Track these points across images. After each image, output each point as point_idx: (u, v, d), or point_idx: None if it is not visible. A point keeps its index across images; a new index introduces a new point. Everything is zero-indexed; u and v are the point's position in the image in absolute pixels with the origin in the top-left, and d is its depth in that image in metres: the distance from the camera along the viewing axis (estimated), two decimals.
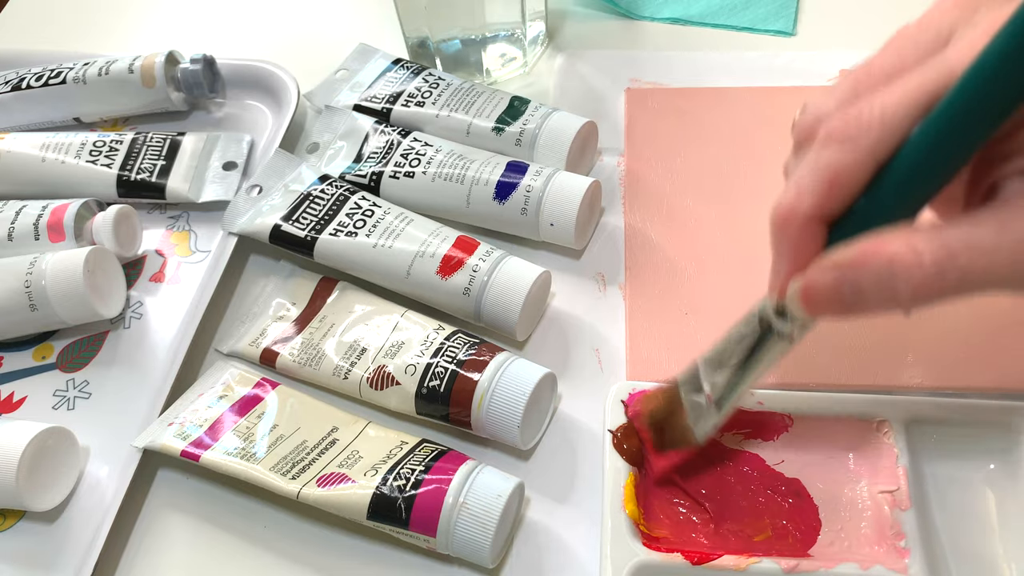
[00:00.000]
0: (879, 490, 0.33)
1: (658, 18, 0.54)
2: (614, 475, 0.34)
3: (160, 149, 0.48)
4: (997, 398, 0.35)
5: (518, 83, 0.52)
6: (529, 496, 0.36)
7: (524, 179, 0.42)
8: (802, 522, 0.33)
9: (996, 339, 0.38)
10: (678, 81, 0.50)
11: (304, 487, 0.34)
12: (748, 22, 0.53)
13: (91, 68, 0.50)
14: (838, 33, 0.52)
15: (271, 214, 0.43)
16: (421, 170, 0.44)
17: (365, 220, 0.42)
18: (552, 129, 0.44)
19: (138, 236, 0.46)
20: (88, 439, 0.39)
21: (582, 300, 0.42)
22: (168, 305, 0.44)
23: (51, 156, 0.47)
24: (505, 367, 0.36)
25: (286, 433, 0.37)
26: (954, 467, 0.35)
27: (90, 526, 0.36)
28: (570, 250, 0.43)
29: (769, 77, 0.50)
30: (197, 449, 0.36)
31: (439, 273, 0.39)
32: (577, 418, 0.38)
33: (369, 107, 0.48)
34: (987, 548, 0.33)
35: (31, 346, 0.43)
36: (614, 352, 0.40)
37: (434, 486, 0.33)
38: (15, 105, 0.51)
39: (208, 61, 0.51)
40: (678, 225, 0.44)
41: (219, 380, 0.39)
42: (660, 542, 0.33)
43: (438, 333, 0.38)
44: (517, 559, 0.35)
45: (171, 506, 0.38)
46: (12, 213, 0.44)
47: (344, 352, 0.39)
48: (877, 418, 0.35)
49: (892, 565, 0.31)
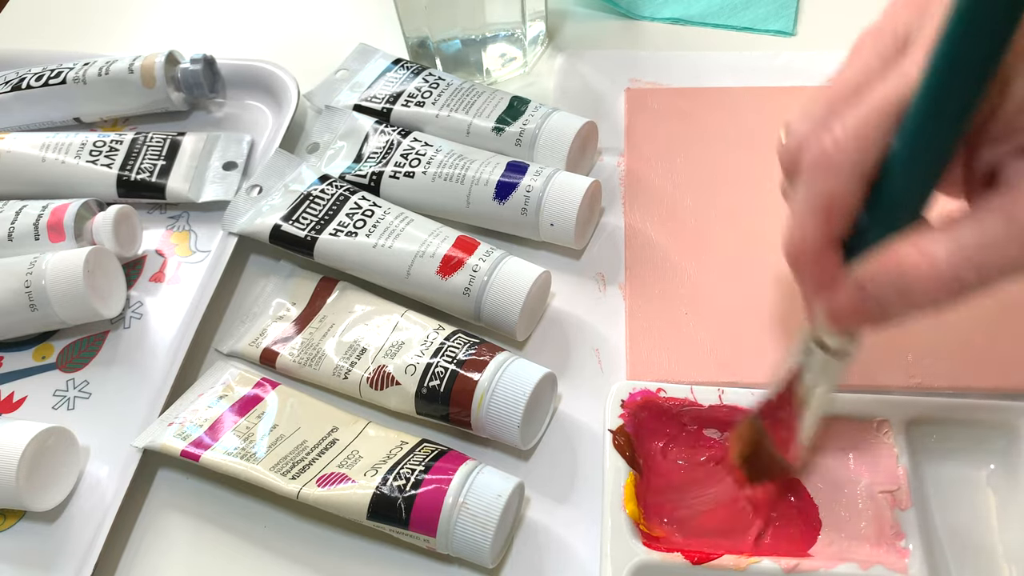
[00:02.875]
0: (879, 490, 0.33)
1: (658, 18, 0.54)
2: (614, 475, 0.34)
3: (160, 149, 0.48)
4: (997, 398, 0.35)
5: (518, 83, 0.52)
6: (529, 496, 0.36)
7: (524, 179, 0.42)
8: (802, 522, 0.33)
9: (996, 339, 0.38)
10: (678, 81, 0.50)
11: (304, 487, 0.34)
12: (748, 22, 0.53)
13: (91, 68, 0.50)
14: (838, 33, 0.51)
15: (271, 214, 0.43)
16: (421, 170, 0.44)
17: (365, 220, 0.42)
18: (552, 129, 0.44)
19: (138, 236, 0.46)
20: (88, 439, 0.39)
21: (582, 300, 0.42)
22: (168, 305, 0.44)
23: (51, 156, 0.47)
24: (505, 367, 0.36)
25: (286, 433, 0.37)
26: (954, 467, 0.35)
27: (90, 526, 0.36)
28: (570, 250, 0.43)
29: (769, 77, 0.50)
30: (197, 449, 0.36)
31: (439, 273, 0.39)
32: (577, 418, 0.38)
33: (369, 107, 0.48)
34: (987, 548, 0.33)
35: (31, 346, 0.43)
36: (614, 352, 0.40)
37: (434, 486, 0.33)
38: (15, 105, 0.51)
39: (208, 61, 0.51)
40: (678, 225, 0.44)
41: (219, 380, 0.40)
42: (660, 542, 0.33)
43: (438, 333, 0.38)
44: (517, 559, 0.35)
45: (171, 506, 0.38)
46: (12, 213, 0.44)
47: (344, 352, 0.39)
48: (877, 418, 0.35)
49: (892, 565, 0.31)
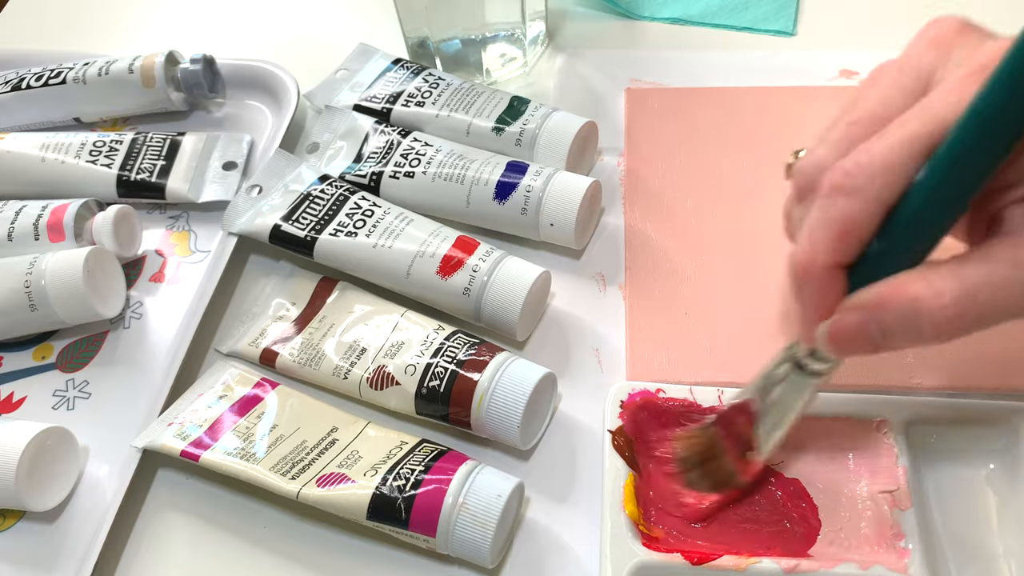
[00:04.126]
0: (879, 490, 0.33)
1: (658, 18, 0.54)
2: (614, 475, 0.34)
3: (160, 149, 0.48)
4: (997, 398, 0.35)
5: (518, 83, 0.52)
6: (529, 496, 0.36)
7: (524, 179, 0.42)
8: (802, 522, 0.33)
9: (996, 339, 0.37)
10: (678, 81, 0.50)
11: (304, 487, 0.34)
12: (748, 22, 0.53)
13: (91, 68, 0.50)
14: (838, 33, 0.52)
15: (271, 214, 0.43)
16: (421, 170, 0.44)
17: (365, 220, 0.42)
18: (552, 129, 0.44)
19: (138, 236, 0.46)
20: (88, 439, 0.39)
21: (582, 300, 0.42)
22: (168, 305, 0.44)
23: (51, 156, 0.47)
24: (505, 367, 0.36)
25: (286, 433, 0.37)
26: (954, 467, 0.35)
27: (90, 526, 0.36)
28: (570, 250, 0.43)
29: (769, 77, 0.50)
30: (197, 449, 0.36)
31: (439, 273, 0.39)
32: (577, 418, 0.38)
33: (369, 107, 0.48)
34: (987, 548, 0.33)
35: (31, 346, 0.43)
36: (614, 352, 0.40)
37: (434, 486, 0.33)
38: (15, 105, 0.51)
39: (208, 61, 0.51)
40: (678, 225, 0.44)
41: (219, 380, 0.39)
42: (660, 542, 0.33)
43: (438, 333, 0.38)
44: (517, 559, 0.35)
45: (171, 506, 0.38)
46: (12, 213, 0.44)
47: (344, 352, 0.39)
48: (877, 418, 0.35)
49: (892, 565, 0.31)
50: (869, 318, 0.26)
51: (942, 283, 0.25)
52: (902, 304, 0.25)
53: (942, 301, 0.25)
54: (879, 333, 0.26)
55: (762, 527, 0.33)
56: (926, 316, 0.25)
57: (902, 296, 0.25)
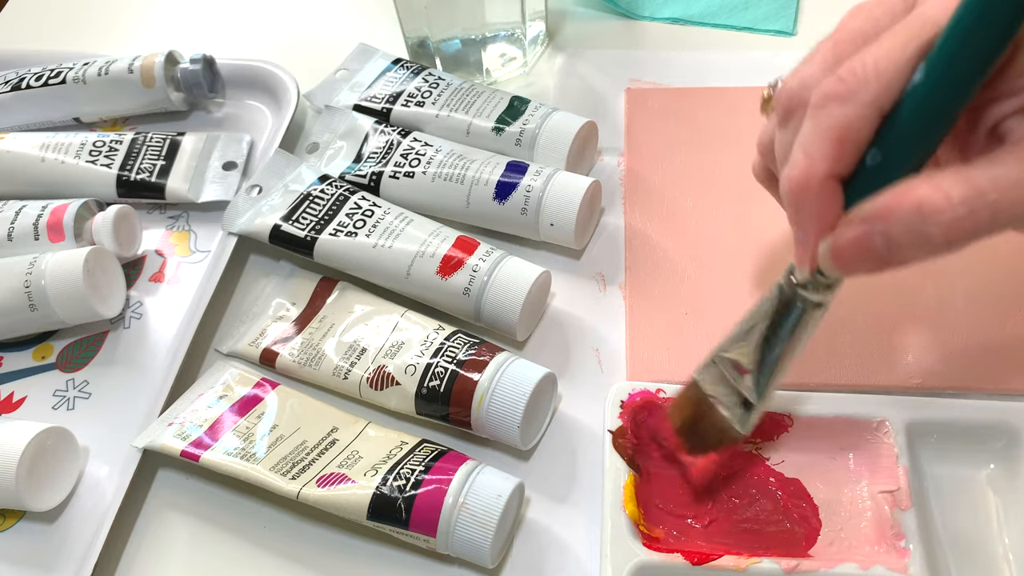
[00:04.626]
0: (879, 490, 0.33)
1: (658, 18, 0.54)
2: (614, 475, 0.34)
3: (160, 149, 0.48)
4: (997, 398, 0.35)
5: (518, 83, 0.52)
6: (529, 496, 0.36)
7: (524, 179, 0.42)
8: (802, 522, 0.33)
9: (996, 339, 0.38)
10: (678, 81, 0.50)
11: (304, 487, 0.34)
12: (748, 22, 0.53)
13: (91, 68, 0.50)
14: None
15: (271, 214, 0.43)
16: (421, 170, 0.44)
17: (365, 220, 0.42)
18: (552, 129, 0.44)
19: (138, 236, 0.46)
20: (88, 439, 0.39)
21: (582, 300, 0.42)
22: (168, 305, 0.44)
23: (51, 156, 0.47)
24: (505, 367, 0.36)
25: (286, 433, 0.37)
26: (954, 467, 0.35)
27: (90, 526, 0.36)
28: (570, 250, 0.43)
29: (769, 77, 0.49)
30: (197, 449, 0.36)
31: (439, 273, 0.39)
32: (577, 418, 0.38)
33: (369, 107, 0.48)
34: (987, 548, 0.33)
35: (31, 346, 0.43)
36: (614, 352, 0.40)
37: (434, 486, 0.33)
38: (15, 105, 0.51)
39: (208, 61, 0.51)
40: (678, 225, 0.44)
41: (219, 380, 0.39)
42: (660, 542, 0.33)
43: (438, 333, 0.38)
44: (517, 559, 0.35)
45: (171, 506, 0.38)
46: (12, 213, 0.44)
47: (344, 352, 0.39)
48: (877, 418, 0.35)
49: (892, 565, 0.31)
50: (874, 228, 0.24)
51: (949, 183, 0.23)
52: (908, 208, 0.24)
53: (950, 201, 0.23)
54: (885, 244, 0.24)
55: (762, 527, 0.34)
56: (934, 218, 0.23)
57: (907, 200, 0.24)
